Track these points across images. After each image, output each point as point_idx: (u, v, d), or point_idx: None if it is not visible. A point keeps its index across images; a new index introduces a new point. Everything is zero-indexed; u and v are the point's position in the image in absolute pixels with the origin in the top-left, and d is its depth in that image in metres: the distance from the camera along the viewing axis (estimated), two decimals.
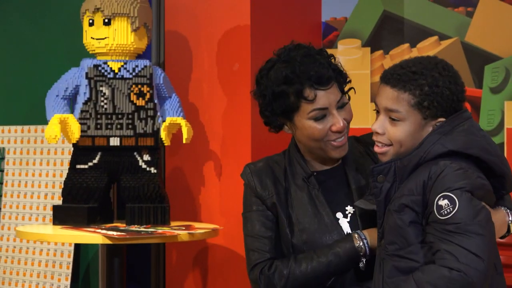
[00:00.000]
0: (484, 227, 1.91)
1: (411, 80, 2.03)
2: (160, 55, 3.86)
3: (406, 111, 2.02)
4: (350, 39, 3.84)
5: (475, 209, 1.92)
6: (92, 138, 3.35)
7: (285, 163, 2.34)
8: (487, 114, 3.50)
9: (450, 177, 1.94)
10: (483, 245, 1.90)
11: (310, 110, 2.21)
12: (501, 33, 3.48)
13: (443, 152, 1.98)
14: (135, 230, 3.13)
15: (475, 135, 2.01)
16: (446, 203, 1.92)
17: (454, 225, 1.90)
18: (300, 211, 2.27)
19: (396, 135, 2.03)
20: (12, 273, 4.05)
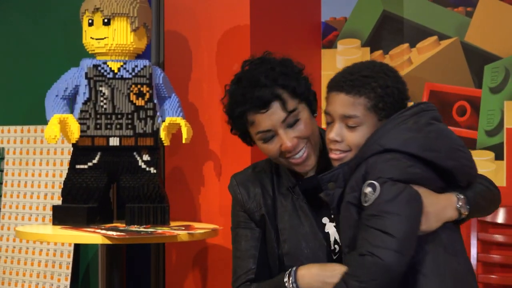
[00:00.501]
0: (402, 206, 1.92)
1: (364, 84, 2.06)
2: (160, 55, 3.86)
3: (363, 115, 2.05)
4: (349, 39, 3.84)
5: (395, 192, 1.94)
6: (91, 138, 3.35)
7: (272, 170, 2.34)
8: (487, 114, 3.50)
9: (379, 166, 1.98)
10: (398, 223, 1.91)
11: (255, 133, 2.23)
12: (500, 33, 3.48)
13: (379, 151, 2.01)
14: (134, 230, 3.13)
15: (417, 132, 2.01)
16: (369, 191, 1.96)
17: (372, 209, 1.94)
18: (284, 221, 2.27)
19: (355, 140, 2.05)
20: (12, 273, 4.05)
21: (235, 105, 2.22)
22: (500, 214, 3.42)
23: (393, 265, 1.89)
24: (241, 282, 2.29)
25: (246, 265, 2.29)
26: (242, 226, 2.33)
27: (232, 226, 2.37)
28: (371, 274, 1.90)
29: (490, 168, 3.47)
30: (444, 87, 3.60)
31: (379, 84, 2.06)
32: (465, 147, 2.09)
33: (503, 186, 3.43)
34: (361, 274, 1.91)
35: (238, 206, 2.34)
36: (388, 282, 1.91)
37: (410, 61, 3.67)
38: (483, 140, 3.49)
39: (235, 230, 2.36)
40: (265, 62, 2.25)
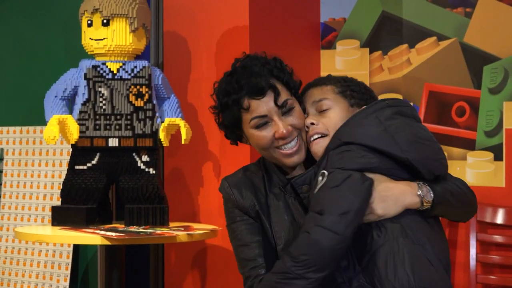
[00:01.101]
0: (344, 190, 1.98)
1: (328, 80, 2.25)
2: (159, 56, 3.86)
3: (333, 98, 2.19)
4: (348, 40, 3.84)
5: (341, 178, 1.99)
6: (90, 139, 3.35)
7: (262, 172, 2.36)
8: (486, 115, 3.50)
9: (333, 158, 2.06)
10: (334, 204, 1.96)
11: (250, 119, 2.25)
12: (499, 34, 3.48)
13: (338, 145, 2.09)
14: (134, 231, 3.13)
15: (376, 126, 2.08)
16: (320, 179, 2.04)
17: (317, 195, 2.02)
18: (277, 219, 2.28)
19: (330, 121, 2.16)
20: (11, 274, 4.05)
21: (230, 92, 2.26)
22: (499, 214, 3.42)
23: (320, 241, 1.94)
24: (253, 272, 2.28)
25: (253, 252, 2.29)
26: (237, 220, 2.34)
27: (227, 224, 2.38)
28: (301, 249, 1.96)
29: (489, 169, 3.47)
30: (443, 87, 3.60)
31: (343, 79, 2.24)
32: (431, 141, 2.13)
33: (502, 186, 3.43)
34: (293, 250, 1.98)
35: (230, 204, 2.36)
36: (319, 259, 1.95)
37: (409, 62, 3.67)
38: (482, 140, 3.49)
39: (230, 226, 2.37)
40: (258, 57, 2.31)
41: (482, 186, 3.46)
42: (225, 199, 2.38)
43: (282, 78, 2.26)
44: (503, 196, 3.43)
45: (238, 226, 2.34)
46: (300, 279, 1.97)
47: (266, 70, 2.25)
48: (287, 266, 1.99)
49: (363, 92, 2.22)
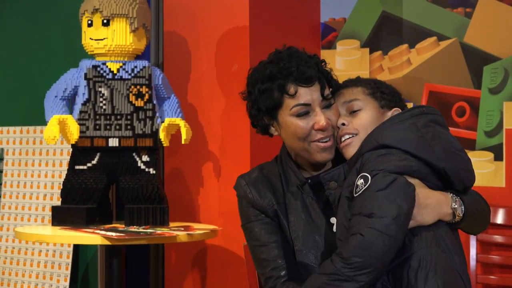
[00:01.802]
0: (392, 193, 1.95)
1: (358, 81, 2.25)
2: (159, 56, 3.86)
3: (363, 98, 2.18)
4: (349, 40, 3.84)
5: (386, 181, 1.97)
6: (91, 139, 3.35)
7: (279, 170, 2.33)
8: (486, 115, 3.50)
9: (373, 161, 2.04)
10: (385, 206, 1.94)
11: (293, 105, 2.22)
12: (500, 34, 3.48)
13: (375, 147, 2.07)
14: (134, 231, 3.13)
15: (412, 132, 2.08)
16: (361, 182, 2.01)
17: (362, 198, 1.98)
18: (294, 219, 2.27)
19: (361, 122, 2.16)
20: (11, 274, 4.05)
21: (276, 77, 2.23)
22: (499, 214, 3.42)
23: (374, 243, 1.91)
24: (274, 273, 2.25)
25: (272, 253, 2.27)
26: (253, 220, 2.31)
27: (242, 223, 2.35)
28: (353, 251, 1.93)
29: (489, 169, 3.47)
30: (443, 87, 3.60)
31: (373, 81, 2.24)
32: (463, 152, 2.13)
33: (502, 187, 3.43)
34: (343, 251, 1.95)
35: (247, 203, 2.33)
36: (372, 262, 1.92)
37: (410, 62, 3.67)
38: (482, 140, 3.49)
39: (246, 225, 2.33)
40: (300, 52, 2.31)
41: (482, 186, 3.46)
42: (241, 197, 2.35)
43: (326, 73, 2.27)
44: (503, 196, 3.43)
45: (255, 225, 2.30)
46: (350, 281, 1.93)
47: (314, 62, 2.26)
48: (337, 267, 1.95)
49: (393, 94, 2.22)
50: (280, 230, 2.29)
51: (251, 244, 2.33)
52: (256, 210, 2.31)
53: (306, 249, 2.24)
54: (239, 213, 2.37)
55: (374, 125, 2.14)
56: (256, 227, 2.31)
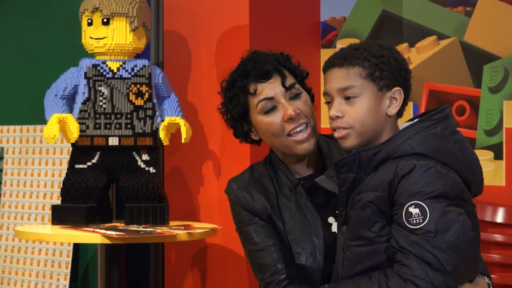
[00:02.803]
0: (453, 241, 1.89)
1: (356, 55, 2.02)
2: (159, 55, 3.86)
3: (360, 84, 2.01)
4: (349, 39, 3.84)
5: (445, 224, 1.90)
6: (91, 137, 3.35)
7: (270, 173, 2.32)
8: (486, 114, 3.50)
9: (420, 178, 1.92)
10: (446, 258, 1.88)
11: (257, 103, 2.24)
12: (500, 33, 3.48)
13: (411, 154, 1.96)
14: (134, 230, 3.13)
15: (446, 140, 1.99)
16: (416, 213, 1.91)
17: (420, 237, 1.89)
18: (290, 222, 2.25)
19: (357, 114, 2.01)
20: (11, 273, 4.05)
21: (236, 80, 2.27)
22: (499, 213, 3.42)
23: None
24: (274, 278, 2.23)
25: (271, 256, 2.24)
26: (247, 224, 2.30)
27: (236, 228, 2.34)
28: None
29: (489, 168, 3.47)
30: (443, 86, 3.60)
31: (372, 54, 2.02)
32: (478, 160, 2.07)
33: (502, 185, 3.44)
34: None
35: (239, 207, 2.31)
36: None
37: (409, 61, 3.67)
38: (482, 139, 3.49)
39: (241, 229, 2.31)
40: (263, 51, 2.33)
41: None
42: (233, 202, 2.33)
43: (288, 66, 2.27)
44: (503, 195, 3.43)
45: (250, 229, 2.29)
46: None
47: (272, 58, 2.27)
48: None
49: (394, 69, 2.01)
50: (276, 232, 2.28)
51: (248, 249, 2.31)
52: (249, 214, 2.29)
53: (304, 251, 2.23)
54: (232, 218, 2.35)
55: (371, 115, 2.01)
56: (252, 231, 2.28)
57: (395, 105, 2.04)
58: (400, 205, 1.93)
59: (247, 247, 2.31)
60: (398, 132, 2.01)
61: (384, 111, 2.03)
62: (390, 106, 2.03)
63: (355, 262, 2.01)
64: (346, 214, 2.04)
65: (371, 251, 1.98)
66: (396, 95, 2.03)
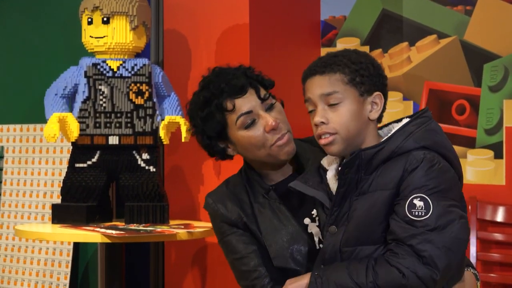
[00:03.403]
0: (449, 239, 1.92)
1: (336, 62, 2.05)
2: (159, 54, 3.86)
3: (343, 90, 2.03)
4: (349, 38, 3.84)
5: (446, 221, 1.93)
6: (91, 136, 3.35)
7: (244, 182, 2.33)
8: (486, 113, 3.50)
9: (426, 172, 1.96)
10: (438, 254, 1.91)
11: (236, 118, 2.23)
12: (500, 32, 3.48)
13: (416, 148, 1.99)
14: (134, 229, 3.14)
15: (441, 136, 2.03)
16: (420, 205, 1.94)
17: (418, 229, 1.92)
18: (266, 227, 2.27)
19: (341, 119, 2.03)
20: (11, 272, 4.05)
21: (211, 99, 2.24)
22: (499, 212, 3.42)
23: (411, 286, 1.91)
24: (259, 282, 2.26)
25: (252, 262, 2.27)
26: (228, 234, 2.32)
27: (218, 240, 2.36)
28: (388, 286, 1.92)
29: (489, 167, 3.47)
30: (444, 85, 3.60)
31: (352, 60, 2.05)
32: None
33: (503, 184, 3.44)
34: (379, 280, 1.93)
35: (218, 220, 2.33)
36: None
37: (410, 60, 3.67)
38: (482, 138, 3.49)
39: (222, 240, 2.34)
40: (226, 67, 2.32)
41: (482, 184, 3.46)
42: (212, 215, 2.36)
43: (256, 77, 2.27)
44: (503, 194, 3.43)
45: (230, 239, 2.31)
46: None
47: (240, 72, 2.27)
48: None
49: (373, 75, 2.06)
50: (256, 239, 2.30)
51: (230, 259, 2.34)
52: (228, 225, 2.31)
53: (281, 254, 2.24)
54: (214, 231, 2.37)
55: (355, 120, 2.03)
56: (233, 240, 2.31)
57: (376, 109, 2.07)
58: (404, 196, 1.95)
59: (230, 257, 2.34)
60: (397, 130, 2.04)
61: (366, 115, 2.05)
62: (371, 110, 2.06)
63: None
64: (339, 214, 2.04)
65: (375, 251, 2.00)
66: (377, 100, 2.06)
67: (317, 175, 2.14)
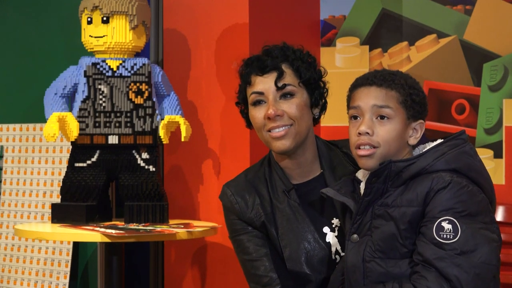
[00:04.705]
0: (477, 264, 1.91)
1: (394, 80, 2.08)
2: (159, 53, 3.86)
3: (396, 107, 2.05)
4: (348, 37, 3.84)
5: (474, 245, 1.92)
6: (90, 136, 3.35)
7: (266, 175, 2.32)
8: (486, 112, 3.50)
9: (455, 195, 1.95)
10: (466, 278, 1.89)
11: (250, 93, 2.28)
12: (499, 31, 3.48)
13: (446, 169, 1.99)
14: (133, 228, 3.13)
15: (474, 159, 2.03)
16: (448, 228, 1.93)
17: (447, 252, 1.91)
18: (282, 227, 2.25)
19: (386, 135, 2.04)
20: (11, 272, 4.05)
21: (243, 68, 2.31)
22: (499, 212, 3.42)
23: None
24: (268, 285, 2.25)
25: (263, 266, 2.25)
26: (241, 233, 2.30)
27: (230, 236, 2.34)
28: None
29: (489, 166, 3.47)
30: (443, 85, 3.60)
31: (407, 83, 2.09)
32: None
33: (502, 184, 3.44)
34: None
35: (233, 215, 2.31)
36: None
37: (409, 59, 3.67)
38: (482, 138, 3.49)
39: (235, 238, 2.33)
40: (285, 44, 2.33)
41: None
42: (227, 208, 2.33)
43: (294, 64, 2.26)
44: (503, 194, 3.43)
45: (244, 238, 2.30)
46: None
47: (281, 53, 2.27)
48: None
49: (422, 103, 2.09)
50: (269, 240, 2.28)
51: (241, 258, 2.33)
52: (243, 222, 2.29)
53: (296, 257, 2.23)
54: (226, 225, 2.36)
55: (397, 140, 2.05)
56: (245, 240, 2.30)
57: (416, 136, 2.09)
58: (432, 218, 1.95)
59: (241, 256, 2.33)
60: (430, 148, 2.05)
61: (406, 139, 2.08)
62: (412, 136, 2.08)
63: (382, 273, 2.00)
64: (361, 223, 2.04)
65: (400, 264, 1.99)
66: (418, 127, 2.09)
67: (350, 184, 2.14)
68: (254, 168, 2.36)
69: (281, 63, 2.25)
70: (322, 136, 3.80)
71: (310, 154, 2.27)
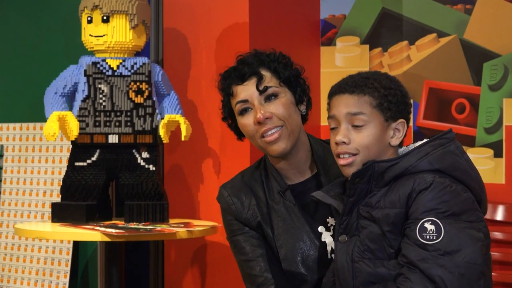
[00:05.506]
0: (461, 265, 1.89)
1: (367, 84, 2.06)
2: (159, 53, 3.86)
3: (370, 112, 2.03)
4: (348, 37, 3.84)
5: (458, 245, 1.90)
6: (90, 135, 3.35)
7: (262, 176, 2.32)
8: (486, 112, 3.50)
9: (437, 195, 1.93)
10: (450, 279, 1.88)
11: (235, 104, 2.27)
12: (500, 31, 3.48)
13: (430, 170, 1.98)
14: (133, 228, 3.13)
15: (459, 158, 2.01)
16: (431, 229, 1.92)
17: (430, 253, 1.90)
18: (278, 226, 2.26)
19: (363, 141, 2.03)
20: (11, 271, 4.05)
21: (222, 81, 2.32)
22: (499, 211, 3.42)
23: None
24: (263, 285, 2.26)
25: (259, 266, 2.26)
26: (238, 233, 2.31)
27: (227, 236, 2.35)
28: None
29: (489, 166, 3.47)
30: (443, 84, 3.60)
31: (381, 84, 2.06)
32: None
33: (502, 183, 3.44)
34: None
35: (230, 216, 2.32)
36: None
37: (409, 59, 3.67)
38: (482, 137, 3.49)
39: (231, 239, 2.34)
40: (258, 51, 2.33)
41: None
42: (224, 209, 2.34)
43: (271, 66, 2.27)
44: (503, 193, 3.43)
45: (240, 239, 2.31)
46: None
47: (256, 59, 2.28)
48: None
49: (400, 102, 2.06)
50: (265, 240, 2.29)
51: (238, 259, 2.34)
52: (240, 223, 2.30)
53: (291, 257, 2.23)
54: (223, 225, 2.37)
55: (376, 144, 2.03)
56: (242, 240, 2.30)
57: (398, 136, 2.07)
58: (415, 219, 1.93)
59: (237, 256, 2.34)
60: (414, 148, 2.03)
61: (388, 141, 2.06)
62: (393, 136, 2.06)
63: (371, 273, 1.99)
64: (348, 223, 2.04)
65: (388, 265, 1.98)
66: (400, 127, 2.06)
67: (340, 186, 2.13)
68: (250, 169, 2.37)
69: (258, 68, 2.26)
70: (322, 136, 3.81)
71: (303, 153, 2.27)
